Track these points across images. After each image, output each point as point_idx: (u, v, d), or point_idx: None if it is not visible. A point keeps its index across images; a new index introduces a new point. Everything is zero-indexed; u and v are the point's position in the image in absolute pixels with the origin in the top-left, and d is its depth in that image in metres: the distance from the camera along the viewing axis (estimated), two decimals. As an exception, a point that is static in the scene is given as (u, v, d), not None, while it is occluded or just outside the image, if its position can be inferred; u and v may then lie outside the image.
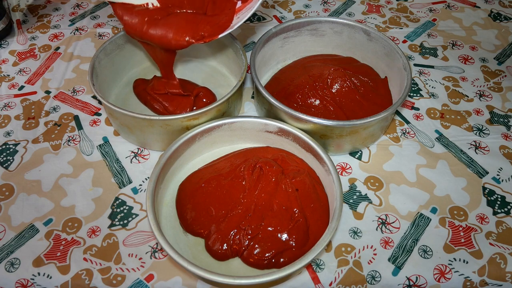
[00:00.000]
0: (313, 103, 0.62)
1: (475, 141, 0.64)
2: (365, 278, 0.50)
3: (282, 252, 0.49)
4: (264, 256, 0.49)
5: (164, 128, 0.56)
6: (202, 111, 0.55)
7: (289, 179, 0.53)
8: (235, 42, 0.63)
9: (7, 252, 0.51)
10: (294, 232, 0.50)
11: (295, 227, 0.50)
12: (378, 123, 0.58)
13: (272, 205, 0.52)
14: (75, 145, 0.62)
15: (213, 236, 0.50)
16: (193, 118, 0.55)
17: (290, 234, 0.50)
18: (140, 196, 0.57)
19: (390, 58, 0.65)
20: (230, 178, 0.54)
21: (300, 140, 0.56)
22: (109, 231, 0.53)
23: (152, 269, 0.50)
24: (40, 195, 0.57)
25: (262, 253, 0.49)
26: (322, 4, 0.87)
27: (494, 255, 0.52)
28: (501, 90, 0.71)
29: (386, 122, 0.62)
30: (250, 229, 0.50)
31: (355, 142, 0.60)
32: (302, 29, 0.68)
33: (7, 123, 0.65)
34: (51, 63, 0.74)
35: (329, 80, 0.62)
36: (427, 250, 0.53)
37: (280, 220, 0.51)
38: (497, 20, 0.84)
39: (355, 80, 0.63)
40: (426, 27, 0.82)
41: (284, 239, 0.50)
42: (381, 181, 0.59)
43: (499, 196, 0.58)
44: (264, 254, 0.49)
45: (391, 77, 0.66)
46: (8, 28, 0.78)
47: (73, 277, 0.50)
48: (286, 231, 0.50)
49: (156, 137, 0.58)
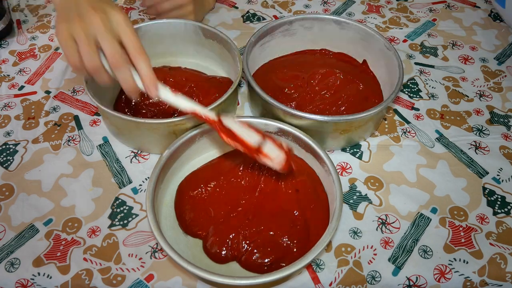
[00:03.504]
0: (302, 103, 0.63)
1: (475, 141, 0.64)
2: (365, 278, 0.50)
3: (282, 258, 0.49)
4: (263, 262, 0.48)
5: (152, 132, 0.56)
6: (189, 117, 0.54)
7: (289, 180, 0.53)
8: (233, 48, 0.63)
9: (7, 252, 0.51)
10: (294, 236, 0.50)
11: (296, 231, 0.50)
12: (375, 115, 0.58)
13: (272, 207, 0.52)
14: (75, 145, 0.62)
15: (211, 239, 0.50)
16: (180, 124, 0.55)
17: (290, 238, 0.50)
18: (140, 196, 0.57)
19: (367, 41, 0.67)
20: (229, 179, 0.54)
21: (300, 140, 0.56)
22: (109, 231, 0.53)
23: (152, 269, 0.50)
24: (40, 195, 0.56)
25: (261, 258, 0.49)
26: (322, 4, 0.87)
27: (494, 255, 0.52)
28: (501, 90, 0.71)
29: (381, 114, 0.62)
30: (249, 233, 0.50)
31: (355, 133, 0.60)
32: (275, 32, 0.69)
33: (7, 123, 0.65)
34: (51, 63, 0.74)
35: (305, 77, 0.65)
36: (427, 250, 0.52)
37: (280, 223, 0.51)
38: (497, 20, 0.84)
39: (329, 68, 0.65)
40: (426, 27, 0.82)
41: (284, 245, 0.49)
42: (381, 181, 0.59)
43: (499, 196, 0.58)
44: (263, 259, 0.49)
45: (371, 59, 0.69)
46: (8, 28, 0.78)
47: (73, 277, 0.49)
48: (286, 235, 0.50)
49: (148, 139, 0.58)
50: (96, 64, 0.46)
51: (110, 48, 0.45)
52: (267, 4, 0.86)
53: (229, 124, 0.50)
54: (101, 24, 0.44)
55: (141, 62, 0.46)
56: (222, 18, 0.83)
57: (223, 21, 0.82)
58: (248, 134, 0.50)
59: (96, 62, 0.45)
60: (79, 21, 0.44)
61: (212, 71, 0.71)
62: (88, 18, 0.45)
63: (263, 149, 0.49)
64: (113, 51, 0.45)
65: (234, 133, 0.49)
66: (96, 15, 0.44)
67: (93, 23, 0.44)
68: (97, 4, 0.46)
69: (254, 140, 0.49)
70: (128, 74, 0.47)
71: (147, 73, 0.47)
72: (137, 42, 0.46)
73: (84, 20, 0.44)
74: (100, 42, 0.45)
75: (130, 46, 0.46)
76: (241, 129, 0.50)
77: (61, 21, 0.45)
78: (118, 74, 0.46)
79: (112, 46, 0.45)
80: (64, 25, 0.45)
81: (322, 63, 0.69)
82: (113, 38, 0.45)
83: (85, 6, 0.45)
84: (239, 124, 0.50)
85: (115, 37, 0.45)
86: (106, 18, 0.45)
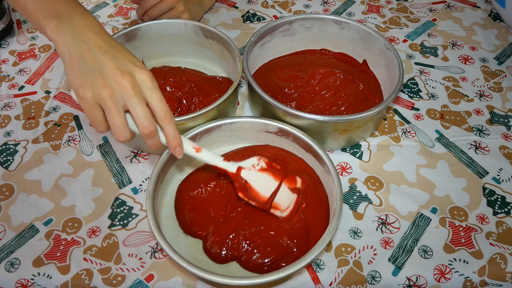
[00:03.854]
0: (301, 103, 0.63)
1: (475, 141, 0.64)
2: (365, 278, 0.50)
3: (282, 258, 0.49)
4: (263, 262, 0.48)
5: None
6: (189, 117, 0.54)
7: None
8: (233, 48, 0.63)
9: (7, 252, 0.51)
10: (294, 236, 0.50)
11: (295, 230, 0.50)
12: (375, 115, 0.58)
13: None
14: (75, 145, 0.62)
15: (211, 239, 0.50)
16: (180, 124, 0.55)
17: (290, 238, 0.50)
18: (140, 196, 0.57)
19: (367, 41, 0.67)
20: (229, 179, 0.54)
21: (300, 140, 0.56)
22: (109, 231, 0.53)
23: (152, 269, 0.50)
24: (40, 195, 0.57)
25: (261, 258, 0.49)
26: (322, 4, 0.87)
27: (494, 255, 0.52)
28: (501, 90, 0.71)
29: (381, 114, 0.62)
30: (249, 233, 0.50)
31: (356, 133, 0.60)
32: (275, 32, 0.68)
33: (7, 123, 0.65)
34: (51, 63, 0.74)
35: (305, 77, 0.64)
36: (427, 250, 0.52)
37: (280, 223, 0.51)
38: (497, 20, 0.84)
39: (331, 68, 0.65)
40: (426, 27, 0.82)
41: (284, 244, 0.49)
42: (381, 181, 0.59)
43: (499, 196, 0.58)
44: (263, 259, 0.49)
45: (371, 59, 0.68)
46: (8, 28, 0.78)
47: (73, 277, 0.50)
48: (286, 235, 0.50)
49: None
50: (127, 137, 0.43)
51: (141, 117, 0.42)
52: (267, 4, 0.86)
53: (247, 176, 0.50)
54: (131, 89, 0.41)
55: (169, 127, 0.44)
56: (222, 18, 0.83)
57: (223, 21, 0.82)
58: (265, 185, 0.50)
59: (127, 135, 0.43)
60: (104, 86, 0.41)
61: (212, 71, 0.71)
62: (116, 83, 0.41)
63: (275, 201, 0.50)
64: (144, 119, 0.42)
65: (250, 186, 0.50)
66: (125, 80, 0.41)
67: (122, 89, 0.41)
68: (123, 65, 0.42)
69: (269, 191, 0.50)
70: (157, 139, 0.44)
71: (174, 136, 0.44)
72: (165, 106, 0.43)
73: (111, 86, 0.41)
74: (129, 108, 0.42)
75: (159, 111, 0.43)
76: (259, 181, 0.50)
77: (82, 83, 0.41)
78: (147, 141, 0.44)
79: (143, 114, 0.42)
80: (88, 90, 0.41)
81: (322, 63, 0.69)
82: (143, 104, 0.42)
83: (111, 68, 0.41)
84: (257, 174, 0.50)
85: (144, 101, 0.42)
86: (135, 81, 0.42)
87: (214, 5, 0.85)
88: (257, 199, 0.50)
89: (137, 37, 0.67)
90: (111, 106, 0.41)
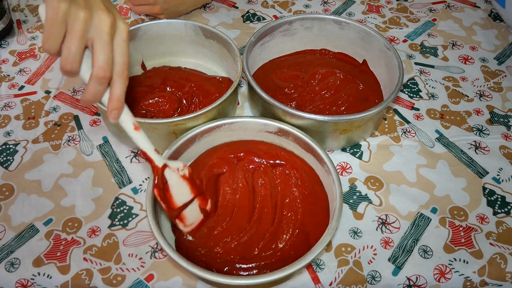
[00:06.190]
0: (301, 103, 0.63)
1: (475, 141, 0.64)
2: (365, 278, 0.50)
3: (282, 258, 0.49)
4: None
5: (152, 131, 0.55)
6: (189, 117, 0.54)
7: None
8: (233, 48, 0.63)
9: (7, 252, 0.51)
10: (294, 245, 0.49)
11: (296, 238, 0.49)
12: (375, 115, 0.58)
13: (271, 213, 0.51)
14: (75, 145, 0.62)
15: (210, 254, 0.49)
16: (180, 123, 0.55)
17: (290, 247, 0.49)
18: (140, 196, 0.57)
19: (367, 41, 0.67)
20: (226, 183, 0.54)
21: (300, 140, 0.56)
22: (109, 231, 0.53)
23: (152, 269, 0.50)
24: (40, 195, 0.57)
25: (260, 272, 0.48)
26: (322, 4, 0.87)
27: (494, 255, 0.52)
28: (501, 90, 0.71)
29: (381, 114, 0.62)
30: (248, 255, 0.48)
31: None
32: (275, 32, 0.68)
33: (7, 123, 0.65)
34: (51, 63, 0.74)
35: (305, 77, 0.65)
36: (427, 250, 0.52)
37: (279, 223, 0.50)
38: (497, 20, 0.84)
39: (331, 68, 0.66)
40: (426, 27, 0.82)
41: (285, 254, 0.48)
42: (381, 181, 0.59)
43: (499, 196, 0.58)
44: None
45: (371, 59, 0.69)
46: (8, 28, 0.77)
47: (73, 277, 0.50)
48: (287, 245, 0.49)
49: None
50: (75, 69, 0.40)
51: (102, 58, 0.39)
52: (267, 4, 0.86)
53: (168, 176, 0.47)
54: (108, 27, 0.39)
55: (120, 84, 0.41)
56: (222, 18, 0.83)
57: (223, 21, 0.82)
58: (181, 193, 0.49)
59: (76, 68, 0.40)
60: (85, 8, 0.38)
61: (212, 71, 0.71)
62: (97, 15, 0.39)
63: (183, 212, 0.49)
64: (104, 62, 0.40)
65: (168, 188, 0.48)
66: (107, 17, 0.39)
67: (100, 23, 0.39)
68: (111, 6, 0.41)
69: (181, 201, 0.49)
70: (103, 89, 0.41)
71: (119, 98, 0.42)
72: (127, 63, 0.41)
73: (92, 14, 0.39)
74: (95, 45, 0.39)
75: (120, 63, 0.41)
76: (177, 186, 0.48)
77: None
78: (92, 85, 0.40)
79: (106, 56, 0.40)
80: (65, 3, 0.37)
81: (322, 63, 0.69)
82: (110, 47, 0.40)
83: (99, 1, 0.40)
84: (178, 179, 0.48)
85: (112, 46, 0.40)
86: (115, 24, 0.40)
87: (214, 5, 0.85)
88: (168, 203, 0.48)
89: (137, 37, 0.67)
90: (77, 31, 0.38)
